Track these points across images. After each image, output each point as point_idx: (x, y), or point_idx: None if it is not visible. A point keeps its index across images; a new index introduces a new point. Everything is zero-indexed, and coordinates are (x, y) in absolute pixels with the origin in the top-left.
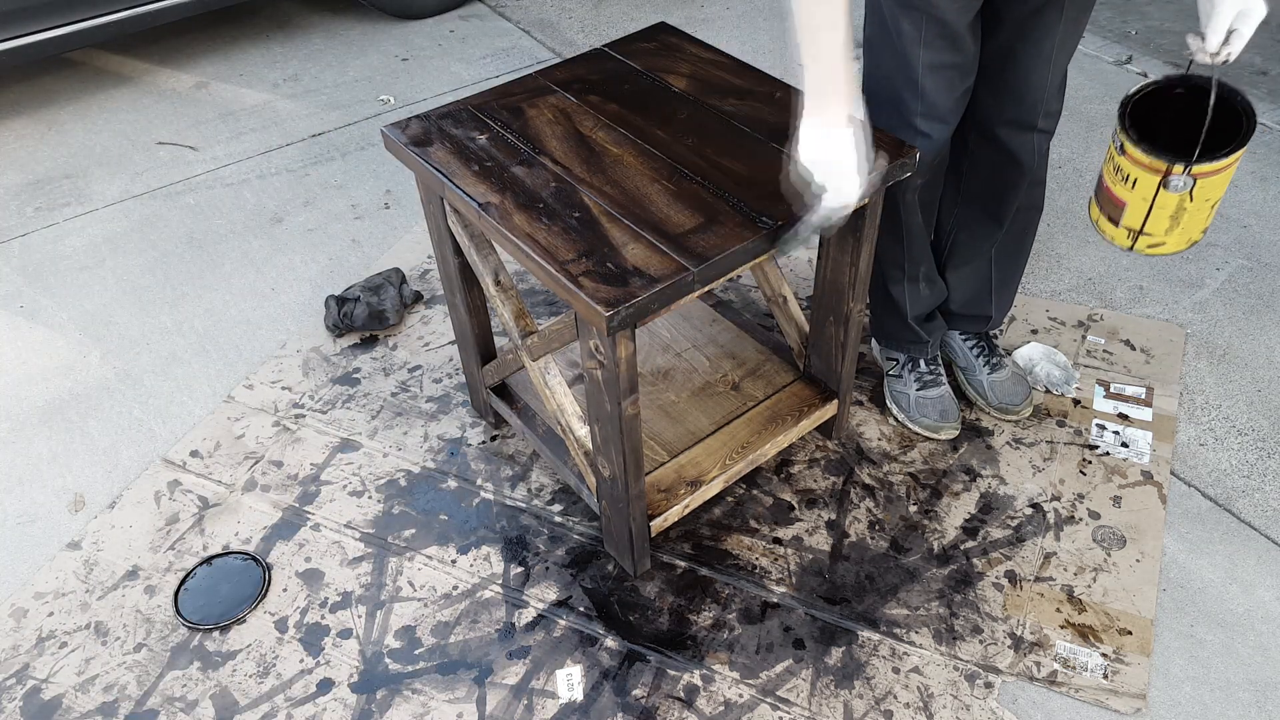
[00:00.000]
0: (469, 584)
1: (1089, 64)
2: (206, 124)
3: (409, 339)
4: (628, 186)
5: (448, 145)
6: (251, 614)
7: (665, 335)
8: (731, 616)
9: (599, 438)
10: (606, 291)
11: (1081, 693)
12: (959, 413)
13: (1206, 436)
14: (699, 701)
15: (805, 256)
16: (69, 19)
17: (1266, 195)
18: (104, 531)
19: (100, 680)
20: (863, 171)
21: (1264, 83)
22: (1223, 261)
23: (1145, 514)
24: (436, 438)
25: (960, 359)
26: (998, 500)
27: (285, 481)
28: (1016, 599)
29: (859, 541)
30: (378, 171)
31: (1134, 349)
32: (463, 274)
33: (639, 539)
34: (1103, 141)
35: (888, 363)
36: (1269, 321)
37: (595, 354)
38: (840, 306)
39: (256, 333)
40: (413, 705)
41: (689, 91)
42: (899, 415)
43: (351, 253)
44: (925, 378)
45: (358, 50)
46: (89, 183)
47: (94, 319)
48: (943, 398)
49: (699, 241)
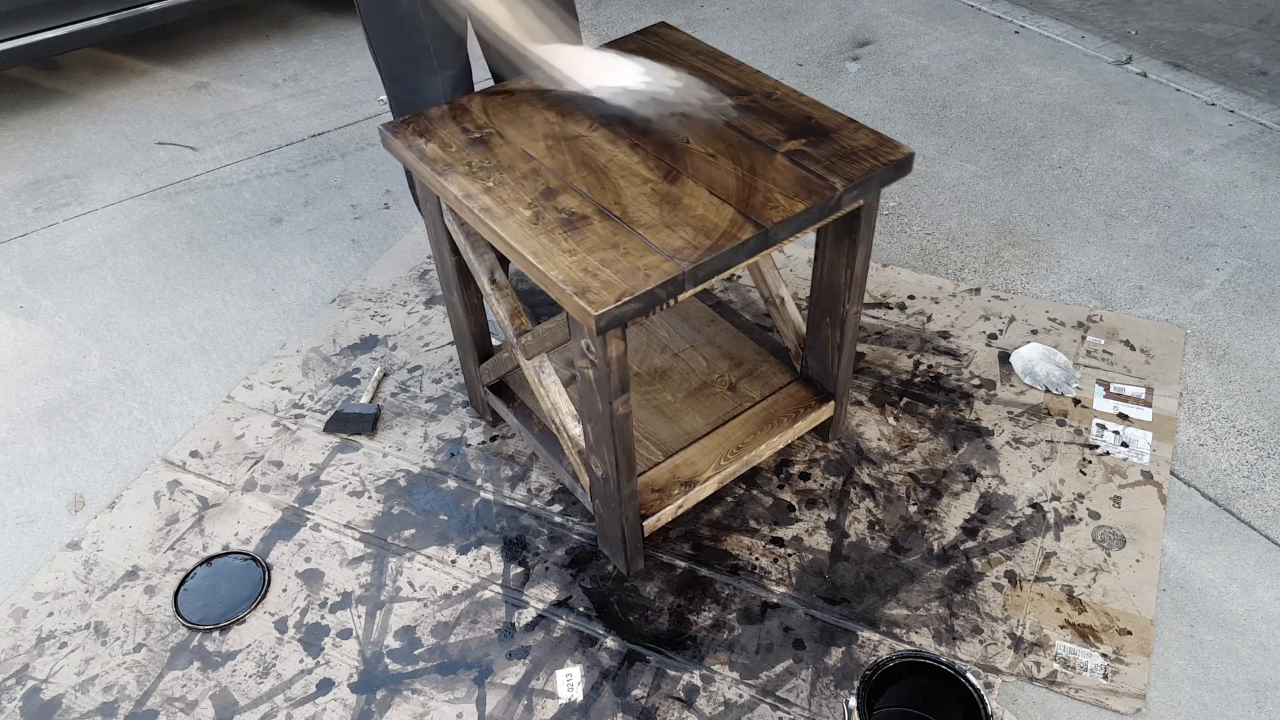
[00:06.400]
0: (469, 584)
1: (1089, 64)
2: (206, 124)
3: (409, 339)
4: (621, 186)
5: (443, 144)
6: (251, 614)
7: (663, 335)
8: (731, 617)
9: (592, 437)
10: (596, 291)
11: (1081, 693)
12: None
13: (1206, 436)
14: (699, 702)
15: (804, 256)
16: (69, 19)
17: (1266, 195)
18: (104, 531)
19: (100, 680)
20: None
21: (1264, 83)
22: (1223, 261)
23: (1145, 514)
24: (436, 438)
25: None
26: (998, 500)
27: (285, 481)
28: (1016, 599)
29: (859, 542)
30: (378, 171)
31: (1134, 349)
32: (459, 272)
33: (632, 538)
34: (1103, 141)
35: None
36: (1269, 321)
37: (587, 353)
38: (837, 308)
39: (256, 333)
40: (412, 705)
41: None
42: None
43: (351, 253)
44: None
45: (358, 50)
46: (89, 183)
47: (94, 319)
48: None
49: (692, 241)
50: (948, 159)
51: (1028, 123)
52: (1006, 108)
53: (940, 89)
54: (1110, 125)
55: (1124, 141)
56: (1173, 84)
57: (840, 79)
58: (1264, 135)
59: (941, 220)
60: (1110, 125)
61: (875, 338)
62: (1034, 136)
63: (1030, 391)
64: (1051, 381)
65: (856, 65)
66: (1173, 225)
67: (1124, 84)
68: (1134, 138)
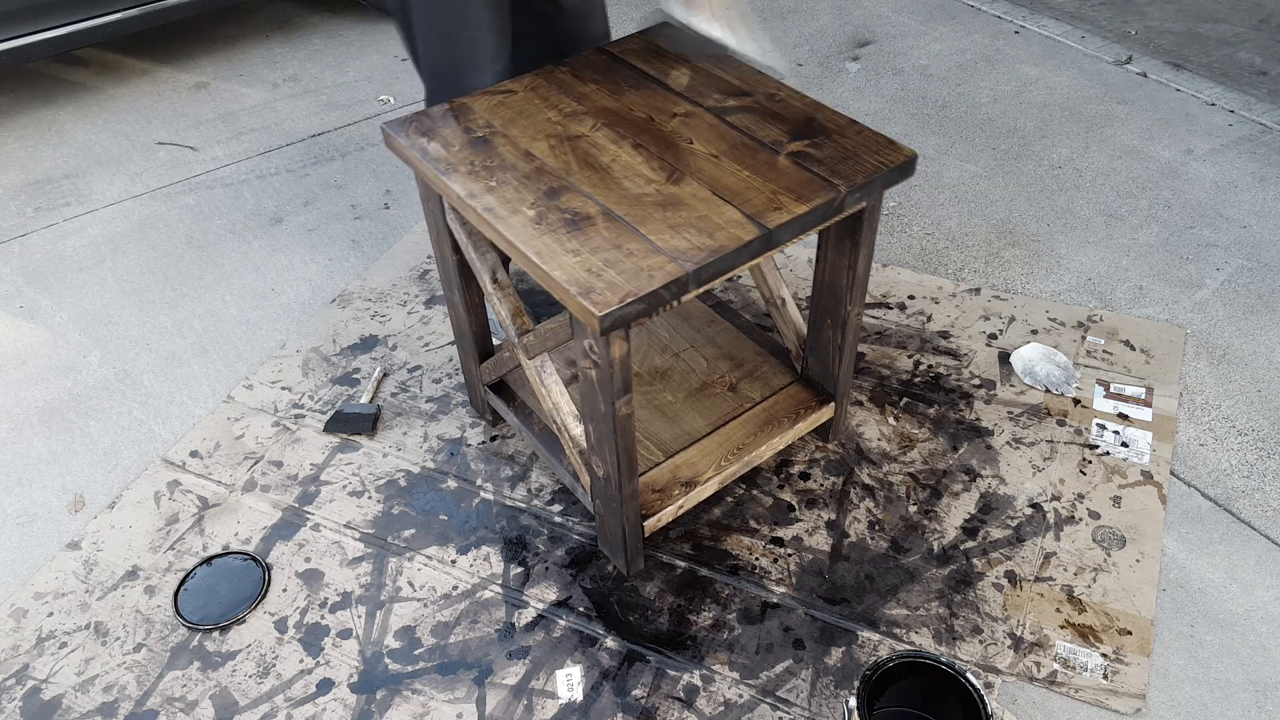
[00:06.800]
0: (469, 584)
1: (1089, 64)
2: (206, 124)
3: (409, 339)
4: (624, 186)
5: (446, 143)
6: (251, 614)
7: (664, 335)
8: (731, 617)
9: (593, 437)
10: (600, 291)
11: (1081, 693)
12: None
13: (1206, 436)
14: (699, 702)
15: (805, 257)
16: (69, 19)
17: (1266, 195)
18: (104, 531)
19: (100, 680)
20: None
21: (1264, 83)
22: (1223, 261)
23: (1145, 514)
24: (436, 438)
25: None
26: (998, 500)
27: (285, 481)
28: (1016, 599)
29: (859, 542)
30: (378, 171)
31: (1134, 349)
32: (461, 271)
33: (632, 539)
34: (1103, 141)
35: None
36: (1269, 321)
37: (590, 353)
38: (838, 310)
39: (256, 333)
40: (412, 705)
41: (687, 91)
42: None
43: (351, 253)
44: None
45: (358, 50)
46: (89, 183)
47: (94, 319)
48: None
49: (695, 242)
50: (948, 159)
51: (1028, 123)
52: (1006, 108)
53: (940, 89)
54: (1110, 125)
55: (1124, 141)
56: (1173, 84)
57: (840, 79)
58: (1264, 135)
59: (941, 220)
60: (1110, 125)
61: (875, 338)
62: (1034, 136)
63: (1030, 391)
64: (1051, 381)
65: (856, 65)
66: (1173, 225)
67: (1124, 84)
68: (1134, 138)
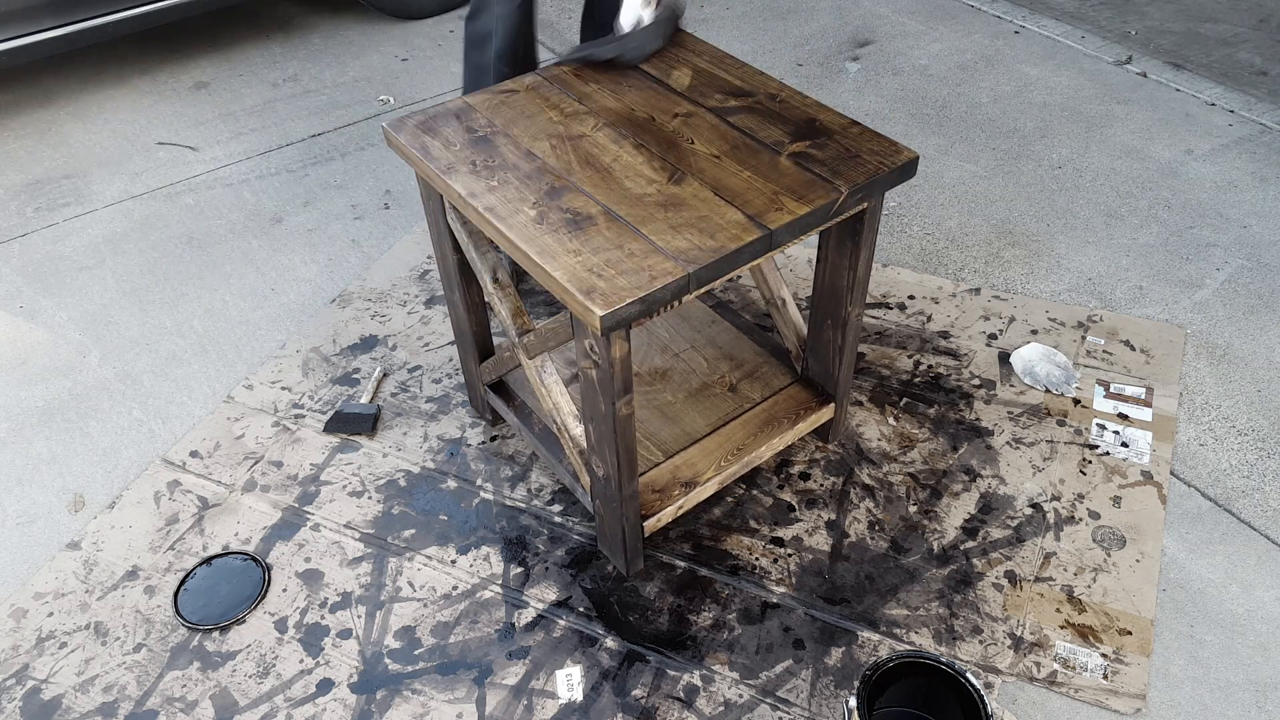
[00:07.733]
0: (469, 584)
1: (1089, 64)
2: (206, 124)
3: (409, 339)
4: (625, 187)
5: (447, 142)
6: (251, 614)
7: (664, 335)
8: (731, 617)
9: (593, 437)
10: (601, 291)
11: (1081, 693)
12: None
13: (1206, 436)
14: (699, 702)
15: (805, 257)
16: (69, 19)
17: (1266, 195)
18: (104, 532)
19: (100, 680)
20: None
21: (1264, 83)
22: (1223, 261)
23: (1145, 514)
24: (436, 438)
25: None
26: (998, 500)
27: (285, 482)
28: (1016, 599)
29: (859, 542)
30: (377, 171)
31: (1134, 349)
32: (461, 271)
33: (632, 539)
34: (1103, 141)
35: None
36: (1269, 321)
37: (590, 354)
38: (838, 310)
39: (256, 333)
40: (412, 705)
41: (689, 91)
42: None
43: (351, 253)
44: None
45: (358, 50)
46: (89, 183)
47: (94, 319)
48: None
49: (697, 243)
50: (948, 159)
51: (1028, 123)
52: (1006, 108)
53: (940, 89)
54: (1110, 125)
55: (1124, 141)
56: (1173, 84)
57: (840, 79)
58: (1264, 135)
59: (941, 220)
60: (1110, 125)
61: (875, 338)
62: (1034, 136)
63: (1030, 391)
64: (1051, 381)
65: (856, 65)
66: (1173, 225)
67: (1124, 84)
68: (1134, 138)
